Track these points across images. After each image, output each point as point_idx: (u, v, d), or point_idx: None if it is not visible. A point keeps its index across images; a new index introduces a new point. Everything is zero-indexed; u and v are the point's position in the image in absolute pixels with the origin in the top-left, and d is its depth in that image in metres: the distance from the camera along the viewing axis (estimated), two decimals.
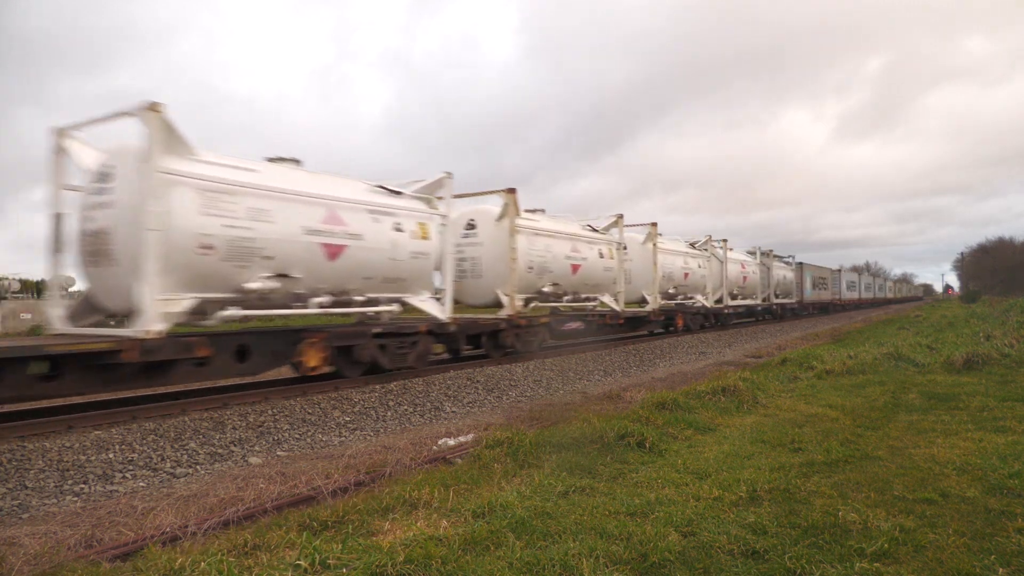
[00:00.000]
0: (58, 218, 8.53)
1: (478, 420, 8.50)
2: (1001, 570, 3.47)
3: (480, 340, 13.38)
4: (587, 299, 16.76)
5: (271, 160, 9.87)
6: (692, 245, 22.84)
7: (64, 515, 4.98)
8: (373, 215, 10.20)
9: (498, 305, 13.86)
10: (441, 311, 11.65)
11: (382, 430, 8.21)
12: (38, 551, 4.01)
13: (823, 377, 10.84)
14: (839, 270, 48.22)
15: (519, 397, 10.51)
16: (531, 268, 14.46)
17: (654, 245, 19.60)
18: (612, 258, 17.55)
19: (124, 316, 8.19)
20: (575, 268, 16.02)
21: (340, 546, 3.67)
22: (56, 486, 5.68)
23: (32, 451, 6.25)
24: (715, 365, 14.48)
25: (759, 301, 29.64)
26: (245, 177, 8.57)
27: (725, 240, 25.22)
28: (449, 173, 11.82)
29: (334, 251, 9.50)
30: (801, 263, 37.30)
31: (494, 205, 14.30)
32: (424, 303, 11.35)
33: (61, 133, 8.51)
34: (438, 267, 11.75)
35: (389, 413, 8.93)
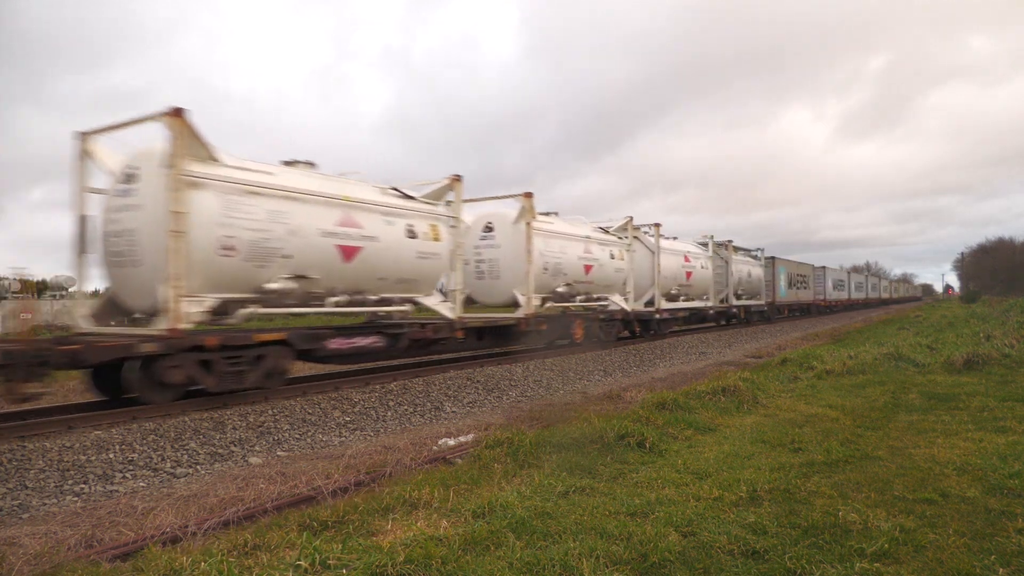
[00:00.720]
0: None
1: (478, 420, 8.50)
2: (1001, 570, 3.47)
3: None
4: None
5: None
6: (605, 230, 18.04)
7: (64, 515, 4.98)
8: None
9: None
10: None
11: (382, 430, 8.21)
12: (38, 551, 4.01)
13: (823, 377, 10.84)
14: (823, 268, 43.71)
15: (519, 397, 10.51)
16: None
17: (528, 225, 14.12)
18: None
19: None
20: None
21: (340, 546, 3.67)
22: (56, 486, 5.68)
23: (32, 451, 6.25)
24: (715, 365, 14.48)
25: (712, 303, 24.48)
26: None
27: (658, 224, 20.27)
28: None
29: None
30: (774, 258, 32.62)
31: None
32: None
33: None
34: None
35: (389, 413, 8.93)
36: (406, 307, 11.33)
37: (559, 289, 15.37)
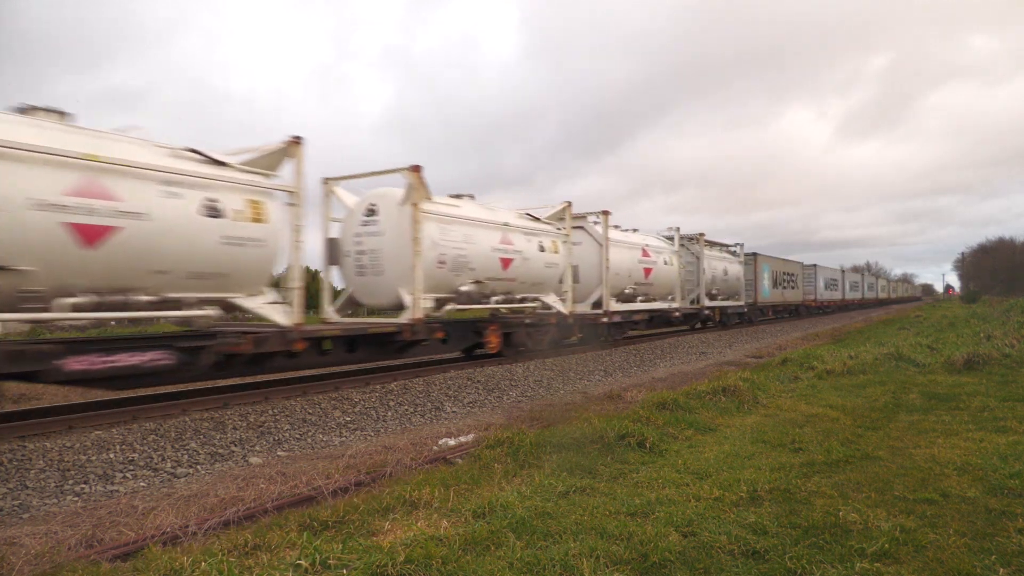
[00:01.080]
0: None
1: (479, 420, 8.50)
2: (1002, 570, 3.47)
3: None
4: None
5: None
6: (535, 218, 15.09)
7: (65, 515, 4.98)
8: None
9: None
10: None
11: (383, 430, 8.21)
12: (39, 551, 4.01)
13: (824, 377, 10.83)
14: (813, 266, 40.88)
15: (520, 397, 10.51)
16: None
17: (415, 207, 11.03)
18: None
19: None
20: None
21: (340, 546, 3.68)
22: (57, 486, 5.68)
23: (33, 451, 6.25)
24: (716, 365, 14.47)
25: (679, 303, 21.42)
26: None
27: (607, 212, 17.17)
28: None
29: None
30: (755, 254, 29.57)
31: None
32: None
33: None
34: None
35: (390, 413, 8.93)
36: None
37: (464, 288, 12.40)
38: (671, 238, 22.34)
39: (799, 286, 37.15)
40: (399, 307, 11.43)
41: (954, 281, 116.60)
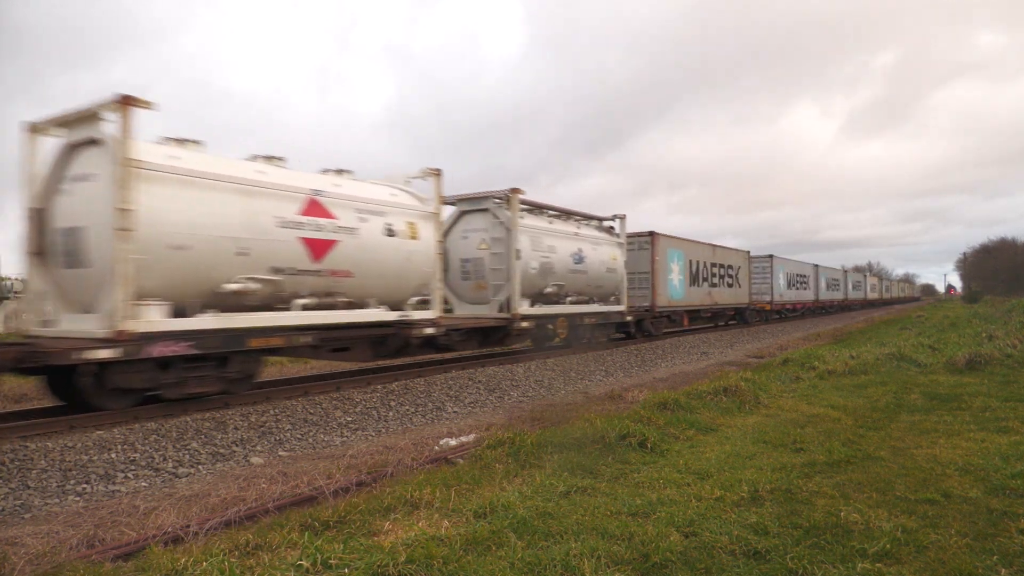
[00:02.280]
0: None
1: (480, 420, 8.50)
2: (1003, 571, 3.47)
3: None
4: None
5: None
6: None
7: (66, 515, 4.98)
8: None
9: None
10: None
11: (384, 430, 8.21)
12: (40, 551, 4.01)
13: (825, 377, 10.83)
14: (769, 257, 31.94)
15: (521, 397, 10.51)
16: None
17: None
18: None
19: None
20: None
21: (342, 546, 3.68)
22: (58, 486, 5.68)
23: (34, 451, 6.26)
24: (717, 365, 14.47)
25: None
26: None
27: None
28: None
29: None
30: (653, 233, 20.10)
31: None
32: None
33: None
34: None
35: (391, 413, 8.94)
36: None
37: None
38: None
39: (742, 284, 28.11)
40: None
41: (956, 281, 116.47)
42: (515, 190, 13.82)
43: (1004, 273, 76.80)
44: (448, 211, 14.24)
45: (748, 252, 29.68)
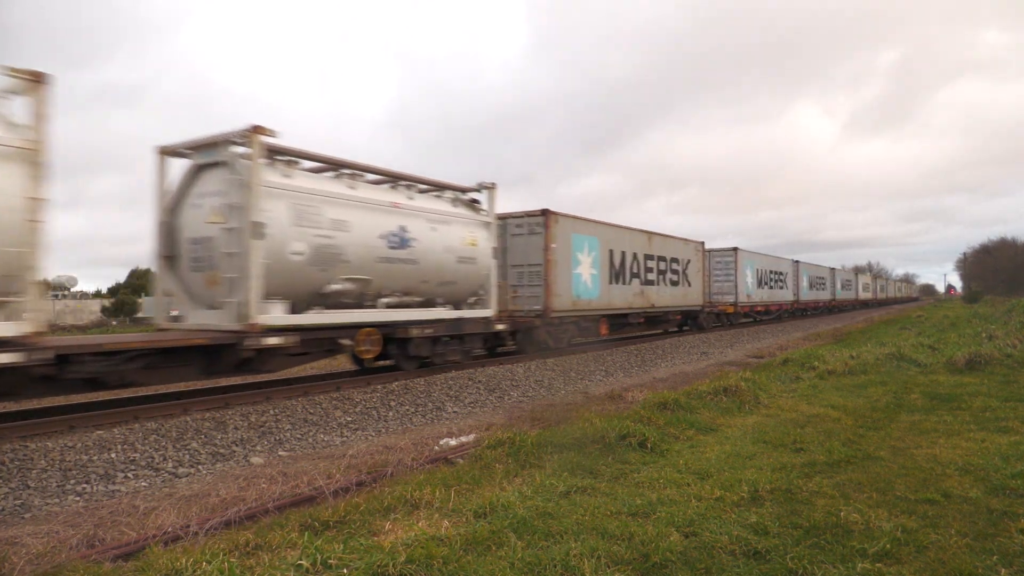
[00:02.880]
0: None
1: (480, 420, 8.50)
2: (1003, 571, 3.47)
3: None
4: None
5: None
6: None
7: (66, 515, 4.98)
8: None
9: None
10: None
11: (384, 430, 8.21)
12: (40, 551, 4.01)
13: (825, 377, 10.83)
14: (733, 250, 27.25)
15: (521, 397, 10.51)
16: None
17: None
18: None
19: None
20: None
21: (342, 546, 3.68)
22: (58, 486, 5.68)
23: (34, 451, 6.26)
24: (717, 365, 14.47)
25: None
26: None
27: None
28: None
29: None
30: (547, 211, 15.22)
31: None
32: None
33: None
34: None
35: (391, 413, 8.94)
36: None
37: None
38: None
39: (693, 282, 23.06)
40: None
41: (956, 281, 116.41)
42: (258, 128, 8.65)
43: (1004, 273, 76.79)
44: (177, 168, 9.55)
45: (702, 243, 24.30)
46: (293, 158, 9.63)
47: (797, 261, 36.01)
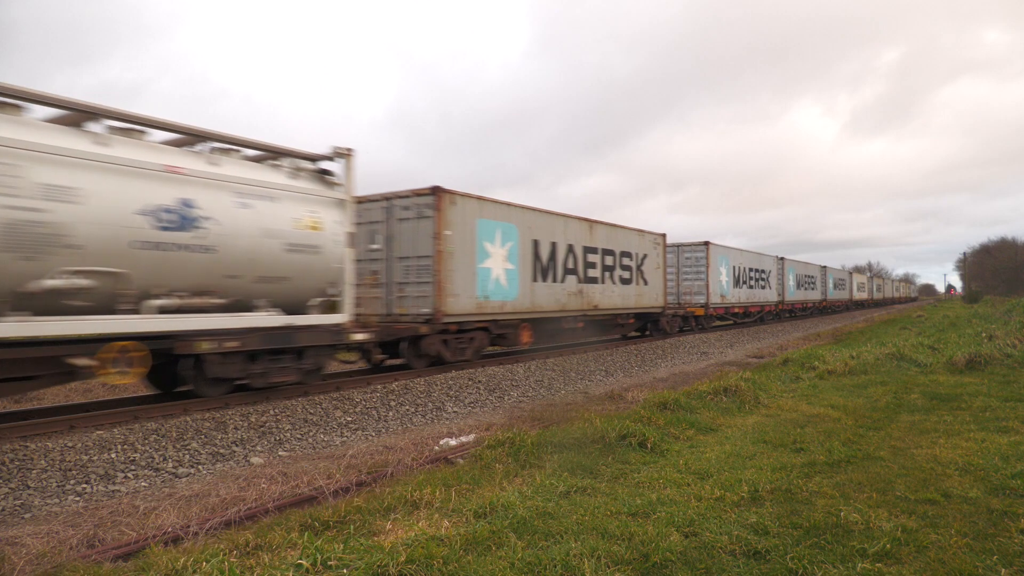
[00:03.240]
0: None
1: (480, 420, 8.50)
2: (1003, 571, 3.47)
3: None
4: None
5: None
6: None
7: (66, 515, 4.98)
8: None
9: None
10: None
11: (384, 430, 8.21)
12: (40, 551, 4.02)
13: (825, 377, 10.83)
14: (704, 245, 24.10)
15: (521, 397, 10.51)
16: None
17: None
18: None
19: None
20: None
21: (342, 546, 3.68)
22: (58, 486, 5.68)
23: (34, 451, 6.26)
24: (717, 365, 14.47)
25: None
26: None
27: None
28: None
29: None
30: (438, 189, 11.98)
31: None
32: None
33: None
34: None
35: (391, 413, 8.94)
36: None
37: None
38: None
39: (650, 280, 19.81)
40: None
41: (956, 281, 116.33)
42: None
43: (1004, 273, 76.78)
44: None
45: (663, 235, 20.86)
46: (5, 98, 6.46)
47: (782, 258, 33.42)
